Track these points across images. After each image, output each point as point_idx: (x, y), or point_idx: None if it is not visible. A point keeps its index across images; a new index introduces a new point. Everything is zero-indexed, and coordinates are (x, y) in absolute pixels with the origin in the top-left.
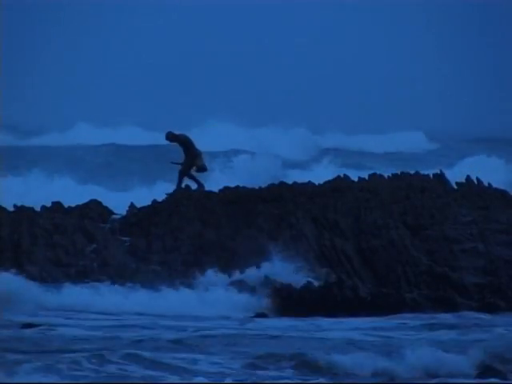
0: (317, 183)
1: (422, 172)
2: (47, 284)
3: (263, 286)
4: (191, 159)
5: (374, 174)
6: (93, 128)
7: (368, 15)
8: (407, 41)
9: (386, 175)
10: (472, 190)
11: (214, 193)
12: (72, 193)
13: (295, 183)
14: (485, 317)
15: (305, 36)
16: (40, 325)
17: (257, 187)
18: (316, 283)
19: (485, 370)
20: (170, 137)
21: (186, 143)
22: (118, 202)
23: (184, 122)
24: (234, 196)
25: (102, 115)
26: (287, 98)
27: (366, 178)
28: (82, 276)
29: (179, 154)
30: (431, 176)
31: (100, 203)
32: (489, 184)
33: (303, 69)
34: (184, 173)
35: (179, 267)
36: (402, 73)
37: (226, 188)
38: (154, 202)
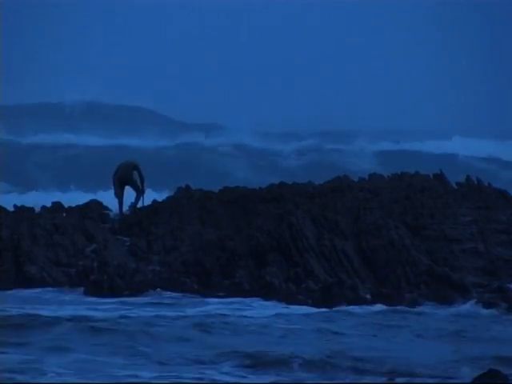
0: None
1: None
2: None
3: None
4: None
5: (374, 174)
6: None
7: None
8: None
9: (385, 175)
10: (472, 189)
11: (214, 193)
12: None
13: (295, 183)
14: None
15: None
16: None
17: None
18: None
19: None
20: None
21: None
22: None
23: None
24: (234, 196)
25: None
26: None
27: (366, 178)
28: (82, 276)
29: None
30: (431, 176)
31: (100, 203)
32: (489, 184)
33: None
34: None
35: (179, 267)
36: None
37: (226, 188)
38: (154, 202)
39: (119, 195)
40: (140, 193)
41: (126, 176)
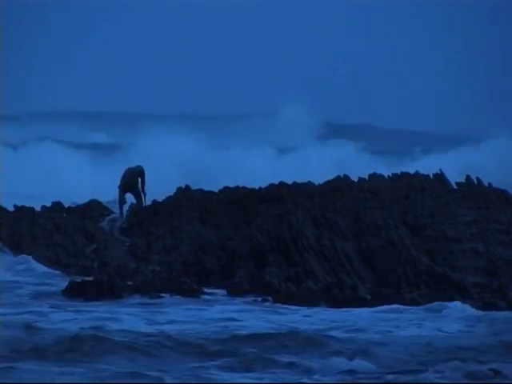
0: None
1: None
2: None
3: None
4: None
5: (374, 174)
6: None
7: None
8: None
9: (386, 175)
10: (472, 189)
11: (214, 193)
12: None
13: (295, 183)
14: None
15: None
16: None
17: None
18: None
19: None
20: None
21: None
22: None
23: None
24: (234, 196)
25: None
26: None
27: (366, 178)
28: (82, 276)
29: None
30: (431, 176)
31: (100, 203)
32: (489, 184)
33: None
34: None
35: (179, 267)
36: None
37: (226, 188)
38: (154, 202)
39: (122, 203)
40: (141, 199)
41: (130, 183)
